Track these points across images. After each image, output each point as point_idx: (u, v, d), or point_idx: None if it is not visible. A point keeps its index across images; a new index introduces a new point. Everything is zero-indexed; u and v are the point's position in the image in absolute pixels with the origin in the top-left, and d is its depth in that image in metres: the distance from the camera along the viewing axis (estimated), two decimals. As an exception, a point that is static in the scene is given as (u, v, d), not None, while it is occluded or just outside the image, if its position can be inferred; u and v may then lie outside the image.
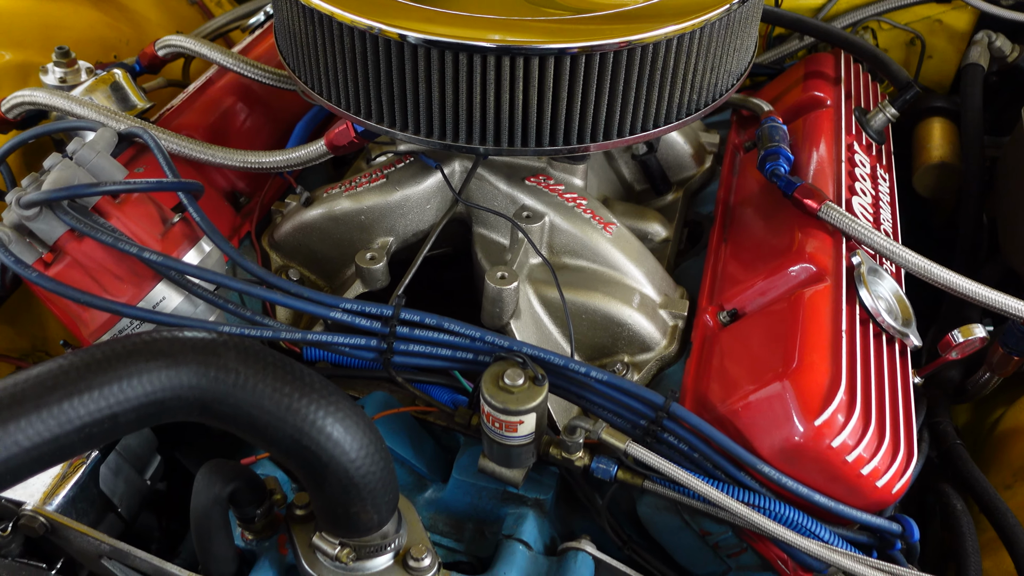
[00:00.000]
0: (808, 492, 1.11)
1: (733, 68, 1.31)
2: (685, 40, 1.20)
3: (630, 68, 1.19)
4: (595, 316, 1.32)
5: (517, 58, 1.16)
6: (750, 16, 1.29)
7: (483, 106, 1.20)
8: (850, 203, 1.41)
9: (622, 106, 1.22)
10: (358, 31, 1.18)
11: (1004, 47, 1.76)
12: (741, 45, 1.30)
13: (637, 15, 1.22)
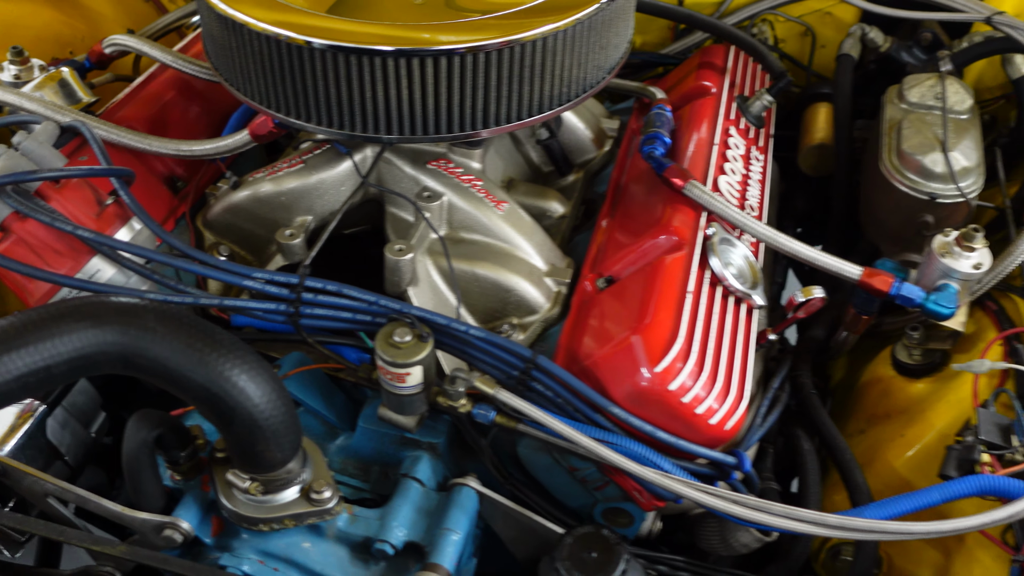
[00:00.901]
0: (652, 429, 1.29)
1: (603, 62, 1.47)
2: (559, 37, 1.37)
3: (511, 63, 1.36)
4: (486, 283, 1.50)
5: (412, 59, 1.33)
6: (619, 15, 1.45)
7: (385, 101, 1.38)
8: (716, 181, 1.59)
9: (507, 96, 1.39)
10: (267, 37, 1.34)
11: (877, 38, 1.93)
12: (611, 41, 1.46)
13: (519, 15, 1.39)
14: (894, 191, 1.60)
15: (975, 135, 1.63)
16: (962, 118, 1.69)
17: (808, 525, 1.20)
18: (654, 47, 2.24)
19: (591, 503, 1.44)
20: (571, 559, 1.23)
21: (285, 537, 1.34)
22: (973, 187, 1.58)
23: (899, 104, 1.72)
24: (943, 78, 1.70)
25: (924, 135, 1.59)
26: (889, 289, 1.44)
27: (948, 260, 1.43)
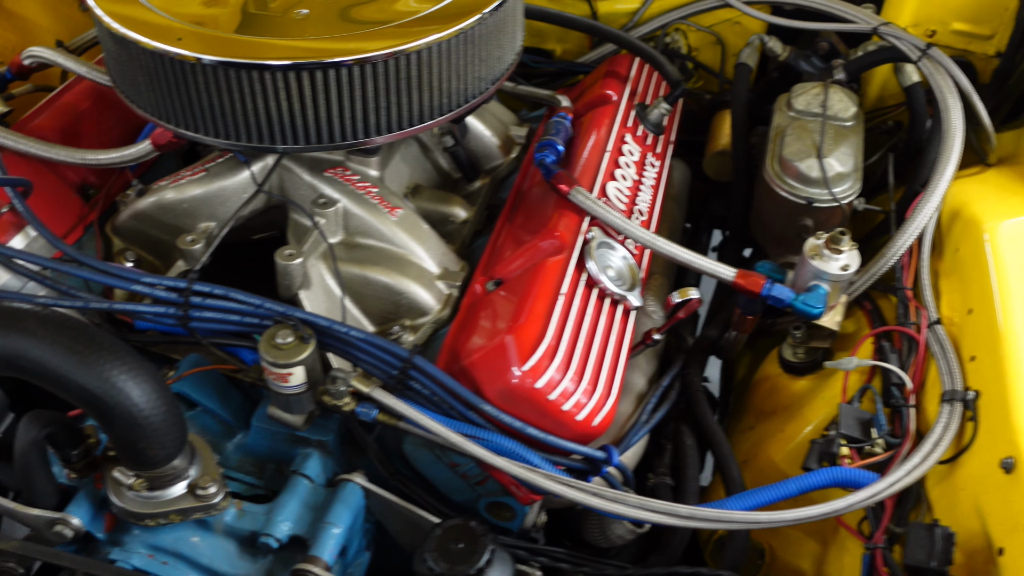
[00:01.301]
0: (522, 425, 1.35)
1: (486, 73, 1.53)
2: (442, 48, 1.42)
3: (396, 74, 1.42)
4: (378, 287, 1.55)
5: (302, 72, 1.39)
6: (501, 28, 1.51)
7: (279, 112, 1.43)
8: (605, 187, 1.65)
9: (393, 106, 1.45)
10: (158, 54, 1.40)
11: (775, 47, 1.99)
12: (493, 53, 1.52)
13: (407, 25, 1.44)
14: (775, 195, 1.66)
15: (854, 141, 1.69)
16: (846, 125, 1.75)
17: (658, 515, 1.26)
18: (574, 55, 2.30)
19: (475, 497, 1.49)
20: (438, 550, 1.28)
21: (174, 532, 1.39)
22: (849, 192, 1.64)
23: (787, 112, 1.78)
24: (827, 86, 1.77)
25: (803, 142, 1.65)
26: (760, 290, 1.50)
27: (817, 262, 1.50)
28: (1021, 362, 1.28)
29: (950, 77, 1.72)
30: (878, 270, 1.60)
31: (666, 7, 2.18)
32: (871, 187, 1.96)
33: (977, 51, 2.05)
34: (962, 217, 1.59)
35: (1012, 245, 1.46)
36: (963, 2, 2.00)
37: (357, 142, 1.48)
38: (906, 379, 1.44)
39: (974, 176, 1.75)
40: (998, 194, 1.64)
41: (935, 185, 1.60)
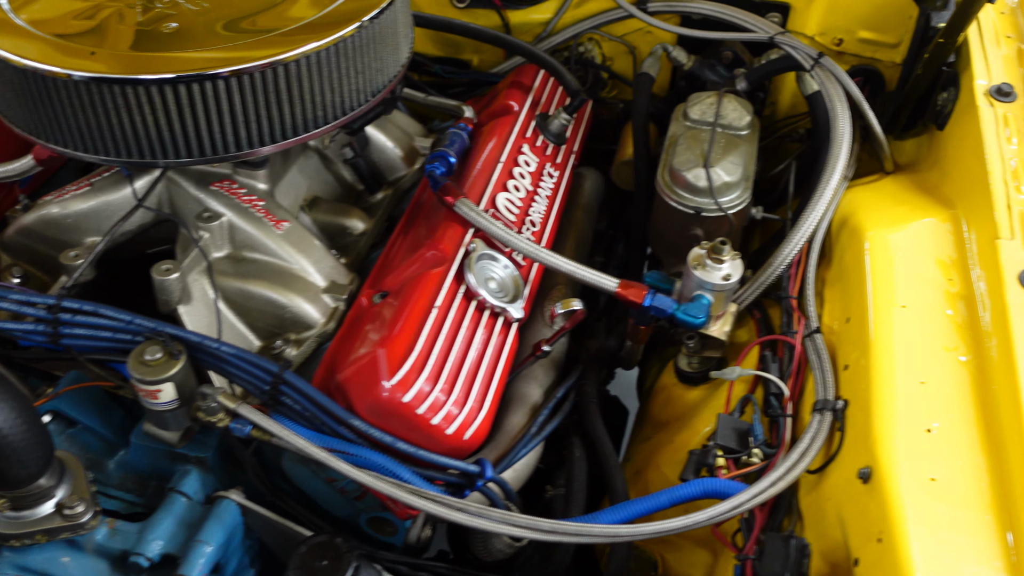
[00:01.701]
0: (392, 440, 1.34)
1: (364, 85, 1.51)
2: (320, 57, 1.41)
3: (277, 84, 1.40)
4: (261, 301, 1.54)
5: (179, 85, 1.37)
6: (381, 37, 1.50)
7: (156, 127, 1.41)
8: (495, 199, 1.64)
9: (272, 117, 1.43)
10: (27, 71, 1.38)
11: (680, 57, 1.99)
12: (371, 65, 1.51)
13: (285, 35, 1.43)
14: (666, 205, 1.66)
15: (745, 151, 1.69)
16: (740, 134, 1.75)
17: (521, 529, 1.25)
18: (491, 65, 2.30)
19: (355, 512, 1.48)
20: (303, 567, 1.27)
21: (44, 552, 1.37)
22: (737, 201, 1.64)
23: (682, 121, 1.78)
24: (721, 96, 1.77)
25: (693, 151, 1.65)
26: (643, 301, 1.49)
27: (700, 272, 1.49)
28: (884, 371, 1.28)
29: (840, 86, 1.72)
30: (766, 279, 1.60)
31: (579, 17, 2.18)
32: (777, 195, 1.96)
33: (884, 59, 2.06)
34: (848, 225, 1.59)
35: (888, 254, 1.46)
36: (868, 11, 2.00)
37: (236, 155, 1.46)
38: (784, 388, 1.43)
39: (869, 184, 1.75)
40: (886, 203, 1.64)
41: (819, 194, 1.60)
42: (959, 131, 1.64)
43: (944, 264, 1.44)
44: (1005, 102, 1.57)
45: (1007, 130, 1.52)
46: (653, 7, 2.06)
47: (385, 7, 1.45)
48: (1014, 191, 1.42)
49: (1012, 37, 1.73)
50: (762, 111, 2.17)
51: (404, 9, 1.57)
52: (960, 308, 1.36)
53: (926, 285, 1.41)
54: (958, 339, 1.32)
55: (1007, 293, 1.28)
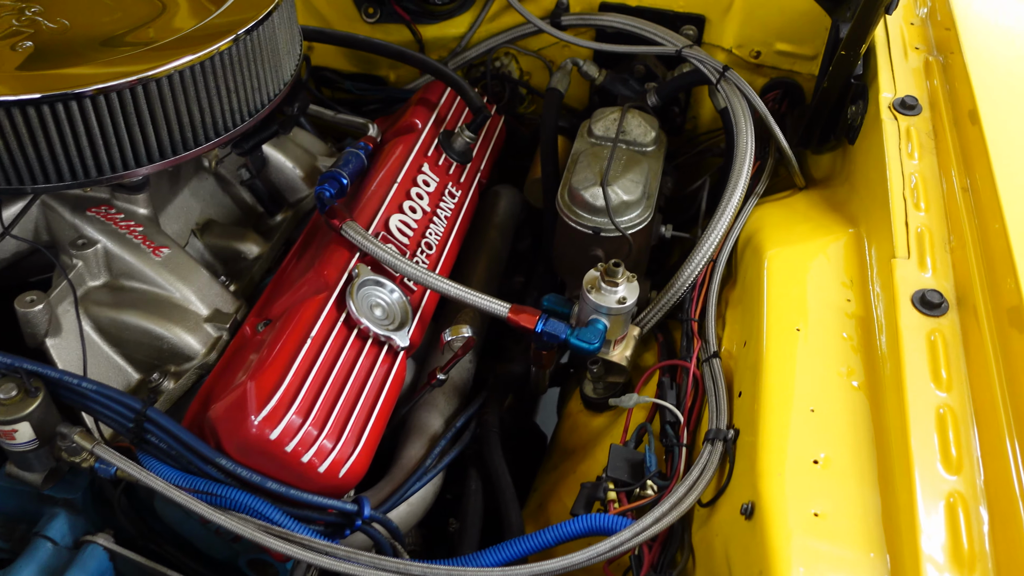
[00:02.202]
0: (261, 480, 1.26)
1: (239, 104, 1.44)
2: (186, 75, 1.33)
3: (142, 103, 1.33)
4: (137, 332, 1.46)
5: (42, 106, 1.29)
6: (255, 55, 1.43)
7: (22, 151, 1.33)
8: (387, 221, 1.57)
9: (144, 138, 1.36)
10: None
11: (591, 71, 1.94)
12: (248, 83, 1.43)
13: (157, 50, 1.36)
14: (566, 225, 1.59)
15: (647, 168, 1.63)
16: (646, 150, 1.70)
17: (391, 574, 1.18)
18: (406, 81, 2.24)
19: (233, 555, 1.40)
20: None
21: None
22: (637, 220, 1.58)
23: (586, 138, 1.72)
24: (625, 111, 1.71)
25: (592, 169, 1.59)
26: (534, 326, 1.43)
27: (594, 296, 1.43)
28: (774, 398, 1.22)
29: (746, 100, 1.67)
30: (667, 301, 1.54)
31: (493, 31, 2.12)
32: (693, 213, 1.91)
33: (803, 71, 2.02)
34: (752, 243, 1.54)
35: (787, 273, 1.41)
36: (784, 23, 1.96)
37: (105, 179, 1.38)
38: (680, 416, 1.37)
39: (780, 200, 1.70)
40: (792, 220, 1.59)
41: (721, 213, 1.54)
42: (866, 145, 1.59)
43: (844, 284, 1.39)
44: (909, 115, 1.52)
45: (909, 144, 1.47)
46: (566, 21, 2.01)
47: (256, 24, 1.38)
48: (912, 208, 1.37)
49: (921, 48, 1.68)
50: (682, 125, 2.13)
51: (286, 25, 1.50)
52: (857, 330, 1.31)
53: (824, 306, 1.35)
54: (853, 363, 1.26)
55: (900, 315, 1.23)
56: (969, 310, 1.22)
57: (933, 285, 1.26)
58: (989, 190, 1.30)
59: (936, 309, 1.22)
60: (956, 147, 1.44)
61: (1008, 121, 1.40)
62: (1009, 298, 1.17)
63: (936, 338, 1.20)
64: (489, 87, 2.16)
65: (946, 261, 1.30)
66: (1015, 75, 1.55)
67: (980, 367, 1.15)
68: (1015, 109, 1.45)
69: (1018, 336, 1.12)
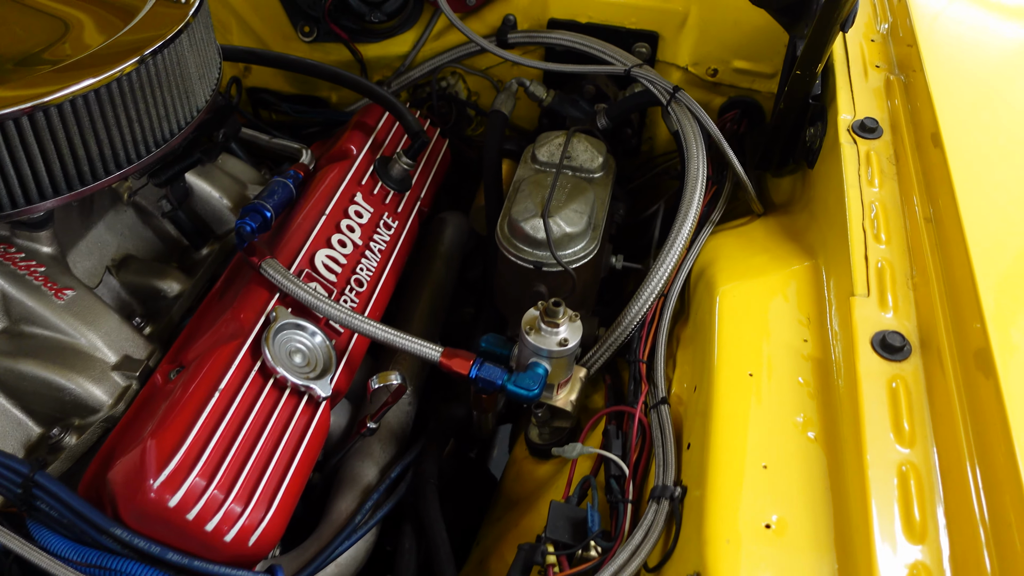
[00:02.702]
0: (160, 551, 1.14)
1: (149, 132, 1.32)
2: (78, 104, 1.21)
3: (37, 132, 1.20)
4: (36, 382, 1.34)
5: None
6: (165, 77, 1.31)
7: None
8: (312, 257, 1.46)
9: (35, 172, 1.23)
10: None
11: (537, 92, 1.84)
12: (152, 111, 1.31)
13: (49, 75, 1.24)
14: (506, 259, 1.48)
15: (592, 196, 1.52)
16: (593, 177, 1.59)
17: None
18: (350, 103, 2.13)
19: (138, 629, 1.27)
20: None
21: None
22: (582, 253, 1.47)
23: (530, 164, 1.62)
24: (570, 135, 1.61)
25: (534, 199, 1.48)
26: (468, 371, 1.32)
27: (533, 337, 1.32)
28: (723, 453, 1.11)
29: (697, 122, 1.57)
30: (615, 340, 1.43)
31: (438, 50, 2.01)
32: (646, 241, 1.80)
33: (762, 90, 1.93)
34: (705, 277, 1.44)
35: (740, 311, 1.30)
36: (741, 39, 1.87)
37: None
38: (625, 469, 1.26)
39: (737, 228, 1.60)
40: (748, 250, 1.49)
41: (671, 244, 1.44)
42: (825, 170, 1.50)
43: (801, 322, 1.29)
44: (869, 139, 1.43)
45: (870, 170, 1.37)
46: (513, 38, 1.91)
47: (159, 48, 1.27)
48: (872, 240, 1.27)
49: (881, 67, 1.59)
50: (637, 147, 2.03)
51: (198, 48, 1.38)
52: (814, 375, 1.20)
53: (779, 348, 1.25)
54: (809, 412, 1.16)
55: (859, 360, 1.12)
56: (933, 353, 1.12)
57: (895, 326, 1.16)
58: (952, 220, 1.20)
59: (898, 353, 1.12)
60: (919, 172, 1.35)
61: (972, 144, 1.31)
62: (975, 340, 1.07)
63: (898, 385, 1.10)
64: (435, 108, 2.05)
65: (908, 299, 1.20)
66: (980, 94, 1.45)
67: (945, 418, 1.05)
68: (980, 131, 1.36)
69: (985, 382, 1.02)
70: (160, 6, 1.40)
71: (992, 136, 1.34)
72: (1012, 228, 1.18)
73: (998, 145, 1.32)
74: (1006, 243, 1.17)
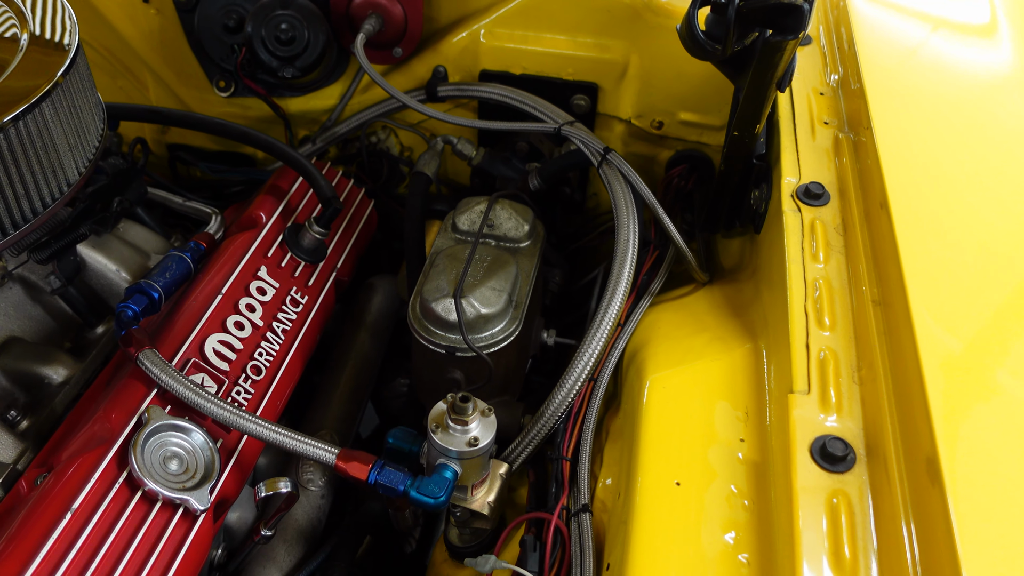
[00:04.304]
0: None
1: (12, 207, 1.19)
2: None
3: None
4: None
5: None
6: (27, 147, 1.18)
7: None
8: (202, 344, 1.32)
9: None
10: None
11: (465, 149, 1.71)
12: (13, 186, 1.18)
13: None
14: (418, 343, 1.34)
15: (515, 270, 1.38)
16: (519, 247, 1.46)
17: None
18: (274, 161, 1.99)
19: None
20: None
21: None
22: (500, 336, 1.33)
23: (450, 233, 1.48)
24: (493, 201, 1.47)
25: (448, 275, 1.34)
26: (367, 477, 1.17)
27: (440, 437, 1.18)
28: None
29: (629, 186, 1.43)
30: (536, 433, 1.28)
31: (366, 103, 1.88)
32: (584, 313, 1.66)
33: (712, 143, 1.80)
34: (636, 362, 1.30)
35: (669, 407, 1.16)
36: (686, 90, 1.75)
37: None
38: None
39: (677, 300, 1.47)
40: (687, 328, 1.35)
41: (598, 324, 1.30)
42: (771, 237, 1.36)
43: (739, 419, 1.14)
44: (814, 205, 1.29)
45: (814, 243, 1.24)
46: (444, 91, 1.78)
47: (17, 115, 1.13)
48: (815, 325, 1.13)
49: (831, 123, 1.46)
50: (581, 203, 1.90)
51: (67, 115, 1.24)
52: (750, 482, 1.06)
53: (712, 449, 1.11)
54: (742, 529, 1.01)
55: (796, 471, 0.98)
56: (880, 463, 0.98)
57: (837, 430, 1.02)
58: (901, 305, 1.06)
59: (839, 463, 0.98)
60: (867, 246, 1.21)
61: (925, 215, 1.17)
62: (924, 447, 0.92)
63: (838, 502, 0.95)
64: (365, 165, 1.92)
65: (855, 396, 1.06)
66: (934, 155, 1.32)
67: (892, 544, 0.91)
68: (934, 199, 1.22)
69: (936, 496, 0.88)
70: (35, 52, 1.26)
71: (948, 205, 1.21)
72: (965, 312, 1.04)
73: (954, 215, 1.19)
74: (959, 329, 1.03)
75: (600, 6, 1.70)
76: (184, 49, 1.85)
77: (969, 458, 0.89)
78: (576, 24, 1.72)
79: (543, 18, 1.73)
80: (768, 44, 1.14)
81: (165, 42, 1.85)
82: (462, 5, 1.78)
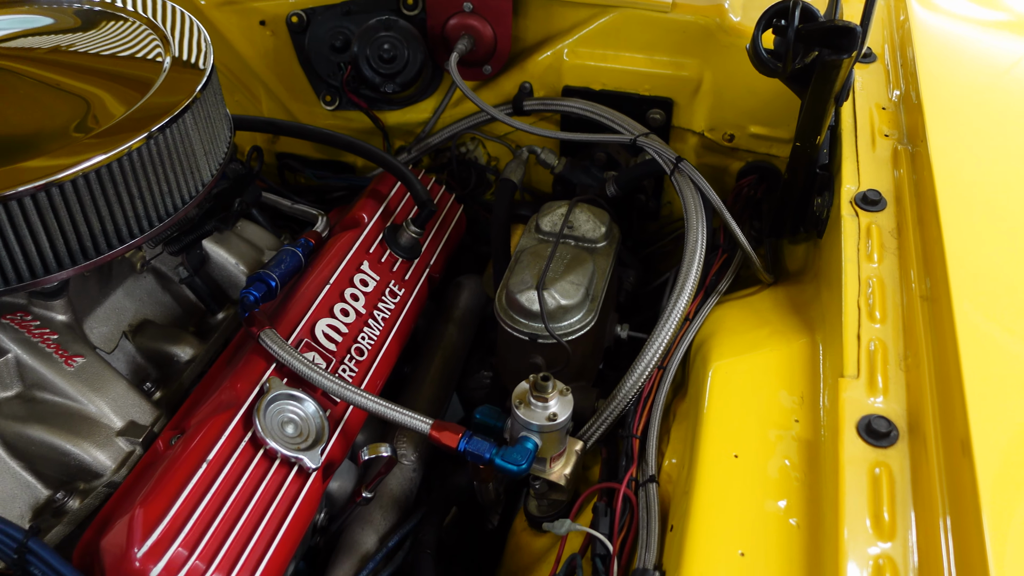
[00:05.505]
0: (142, 623, 1.16)
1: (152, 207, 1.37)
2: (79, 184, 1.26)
3: (41, 210, 1.26)
4: (44, 447, 1.38)
5: None
6: (169, 153, 1.36)
7: None
8: (312, 327, 1.49)
9: (39, 247, 1.28)
10: None
11: (548, 159, 1.85)
12: (155, 187, 1.36)
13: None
14: (504, 330, 1.49)
15: (592, 267, 1.52)
16: (596, 247, 1.59)
17: None
18: (374, 168, 2.17)
19: None
20: None
21: None
22: (577, 326, 1.47)
23: (533, 234, 1.62)
24: (573, 204, 1.61)
25: (532, 270, 1.49)
26: (456, 445, 1.32)
27: (523, 411, 1.32)
28: (700, 538, 1.09)
29: (699, 193, 1.56)
30: (609, 414, 1.42)
31: (457, 116, 2.05)
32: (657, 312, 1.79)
33: (781, 155, 1.91)
34: (702, 352, 1.42)
35: (731, 389, 1.28)
36: (757, 104, 1.86)
37: (6, 289, 1.32)
38: (610, 549, 1.24)
39: (742, 299, 1.58)
40: (750, 322, 1.47)
41: (667, 317, 1.43)
42: (831, 241, 1.47)
43: (795, 402, 1.26)
44: (871, 211, 1.40)
45: (869, 244, 1.35)
46: (529, 106, 1.93)
47: (162, 126, 1.32)
48: (867, 319, 1.24)
49: (890, 136, 1.56)
50: (657, 210, 2.03)
51: (202, 125, 1.43)
52: (802, 457, 1.18)
53: (769, 428, 1.22)
54: (793, 497, 1.13)
55: (843, 445, 1.09)
56: (920, 441, 1.09)
57: (883, 411, 1.13)
58: (945, 301, 1.16)
59: (883, 439, 1.09)
60: (918, 248, 1.31)
61: (970, 221, 1.27)
62: (960, 428, 1.03)
63: (881, 472, 1.06)
64: (455, 173, 2.08)
65: (900, 381, 1.17)
66: (985, 166, 1.42)
67: (927, 510, 1.01)
68: (980, 207, 1.32)
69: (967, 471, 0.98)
70: (176, 72, 1.45)
71: (993, 211, 1.31)
72: (1003, 310, 1.14)
73: (998, 221, 1.28)
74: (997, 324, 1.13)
75: (675, 27, 1.83)
76: (295, 67, 2.05)
77: (998, 440, 1.00)
78: (653, 43, 1.86)
79: (622, 38, 1.87)
80: (825, 62, 1.26)
81: (278, 60, 2.05)
82: (547, 26, 1.93)
